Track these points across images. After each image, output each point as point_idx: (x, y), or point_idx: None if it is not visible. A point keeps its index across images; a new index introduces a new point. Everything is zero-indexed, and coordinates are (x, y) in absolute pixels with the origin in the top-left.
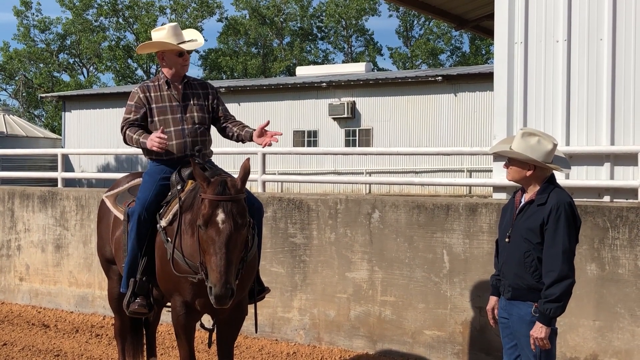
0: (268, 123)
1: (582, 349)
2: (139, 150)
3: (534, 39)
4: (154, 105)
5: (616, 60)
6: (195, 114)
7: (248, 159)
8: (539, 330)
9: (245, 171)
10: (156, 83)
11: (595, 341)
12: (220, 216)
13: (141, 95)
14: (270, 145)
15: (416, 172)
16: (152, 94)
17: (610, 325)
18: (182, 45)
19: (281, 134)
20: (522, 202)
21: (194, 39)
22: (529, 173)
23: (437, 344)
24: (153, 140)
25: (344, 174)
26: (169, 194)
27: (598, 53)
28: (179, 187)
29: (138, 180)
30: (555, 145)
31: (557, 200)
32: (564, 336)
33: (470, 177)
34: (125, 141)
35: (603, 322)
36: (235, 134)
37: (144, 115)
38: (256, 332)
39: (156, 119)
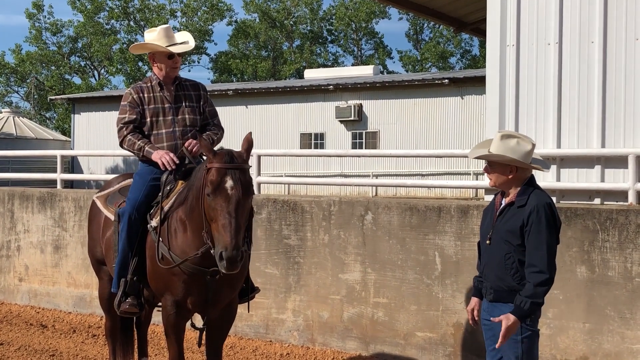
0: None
1: (572, 352)
2: None
3: (525, 42)
4: (146, 106)
5: (607, 62)
6: (187, 115)
7: (250, 133)
8: (510, 320)
9: (249, 143)
10: (149, 84)
11: (585, 344)
12: (229, 183)
13: (135, 96)
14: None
15: (422, 175)
16: (145, 95)
17: (600, 328)
18: (171, 48)
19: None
20: (502, 204)
21: (185, 42)
22: (511, 176)
23: (429, 346)
24: (163, 157)
25: (351, 176)
26: (159, 194)
27: (589, 56)
28: (169, 188)
29: (129, 181)
30: (534, 145)
31: (536, 201)
32: (554, 338)
33: (477, 179)
34: (121, 143)
35: (593, 325)
36: None
37: (139, 114)
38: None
39: (148, 120)
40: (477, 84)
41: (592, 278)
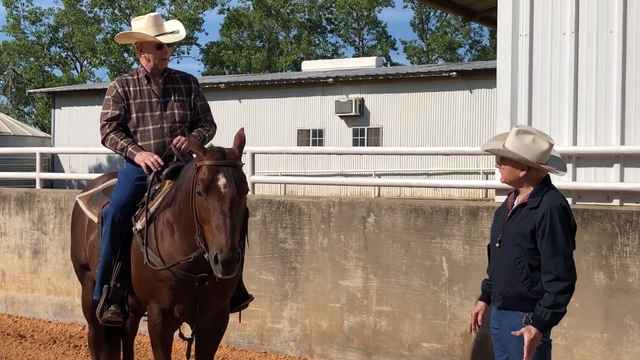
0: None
1: None
2: None
3: (539, 32)
4: (132, 101)
5: (627, 54)
6: (176, 111)
7: (242, 129)
8: (532, 332)
9: (241, 140)
10: (135, 77)
11: (603, 355)
12: (222, 180)
13: (119, 90)
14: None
15: (428, 174)
16: (131, 89)
17: (620, 338)
18: (161, 38)
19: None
20: (515, 205)
21: (175, 31)
22: (522, 174)
23: (435, 357)
24: (147, 160)
25: (352, 175)
26: (145, 194)
27: (607, 46)
28: (156, 188)
29: (114, 181)
30: (551, 145)
31: (550, 203)
32: (570, 349)
33: (487, 179)
34: (103, 141)
35: (611, 335)
36: None
37: (123, 110)
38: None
39: (134, 115)
40: (487, 76)
41: (611, 285)
